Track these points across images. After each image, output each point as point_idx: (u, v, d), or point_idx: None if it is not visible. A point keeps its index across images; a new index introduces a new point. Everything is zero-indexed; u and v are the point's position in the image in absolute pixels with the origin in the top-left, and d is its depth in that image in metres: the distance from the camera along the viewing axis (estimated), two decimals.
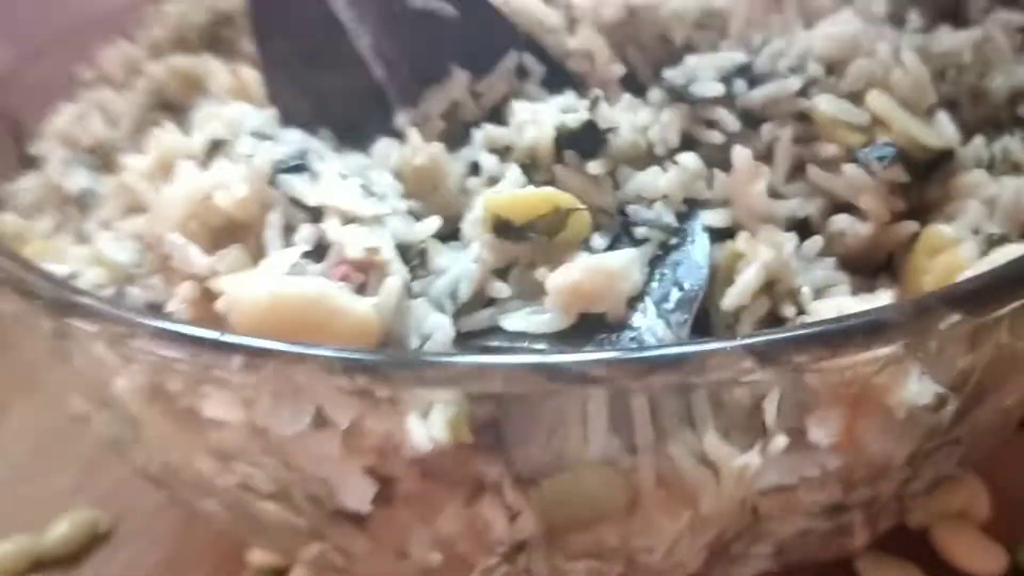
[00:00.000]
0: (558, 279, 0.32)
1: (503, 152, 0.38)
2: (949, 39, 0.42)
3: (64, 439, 0.62)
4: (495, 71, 0.41)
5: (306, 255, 0.32)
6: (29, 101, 0.51)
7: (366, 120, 0.42)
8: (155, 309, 0.34)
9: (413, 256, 0.34)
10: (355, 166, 0.38)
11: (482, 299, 0.34)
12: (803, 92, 0.38)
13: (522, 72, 0.41)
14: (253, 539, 0.41)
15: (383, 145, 0.39)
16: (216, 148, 0.36)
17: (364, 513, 0.33)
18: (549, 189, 0.34)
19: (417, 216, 0.37)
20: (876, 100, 0.38)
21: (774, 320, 0.34)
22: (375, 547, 0.34)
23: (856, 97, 0.38)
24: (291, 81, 0.43)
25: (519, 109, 0.38)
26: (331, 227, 0.32)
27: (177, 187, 0.34)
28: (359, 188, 0.34)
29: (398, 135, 0.41)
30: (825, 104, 0.38)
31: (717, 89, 0.37)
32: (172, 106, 0.50)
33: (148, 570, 0.53)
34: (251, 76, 0.46)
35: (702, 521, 0.33)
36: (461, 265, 0.34)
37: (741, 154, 0.36)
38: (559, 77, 0.41)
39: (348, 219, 0.33)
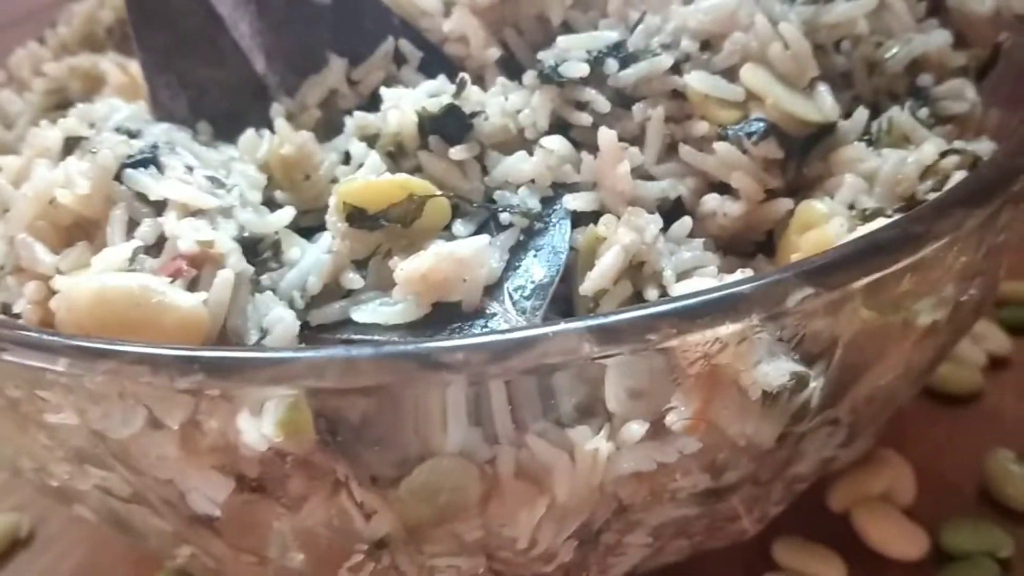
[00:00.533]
0: (407, 268, 0.31)
1: (373, 139, 0.38)
2: (841, 9, 0.41)
3: None
4: (372, 58, 0.40)
5: (146, 250, 0.32)
6: None
7: (246, 112, 0.41)
8: (6, 310, 0.33)
9: (265, 248, 0.34)
10: (220, 159, 0.37)
11: (339, 291, 0.33)
12: (676, 69, 0.37)
13: (399, 58, 0.41)
14: (132, 542, 0.41)
15: (249, 137, 0.38)
16: (71, 145, 0.36)
17: (214, 516, 0.32)
18: (404, 176, 0.34)
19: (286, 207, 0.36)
20: (750, 74, 0.37)
21: (639, 303, 0.33)
22: (232, 551, 0.33)
23: (732, 73, 0.37)
24: (170, 74, 0.43)
25: (388, 95, 0.37)
26: (168, 221, 0.32)
27: (27, 186, 0.34)
28: (205, 181, 0.34)
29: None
30: (697, 81, 0.37)
31: (583, 69, 0.36)
32: (72, 106, 0.49)
33: (67, 574, 0.52)
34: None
35: (562, 509, 0.32)
36: (312, 256, 0.33)
37: (606, 135, 0.35)
38: (437, 62, 0.40)
39: (191, 212, 0.32)
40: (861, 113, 0.38)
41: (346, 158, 0.38)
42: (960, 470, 0.52)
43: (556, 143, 0.36)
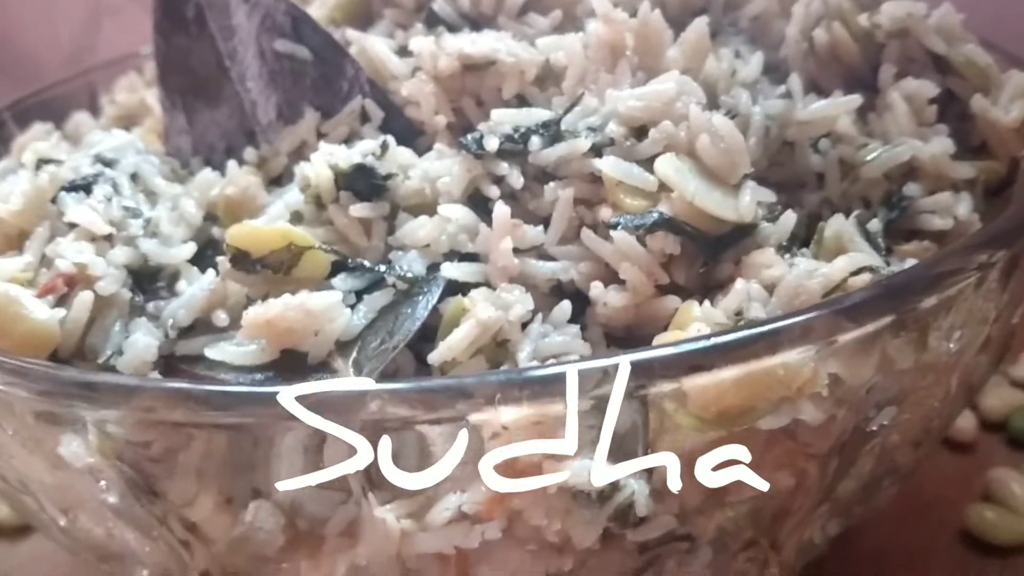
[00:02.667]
0: (252, 313, 0.33)
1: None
2: (818, 107, 0.39)
3: None
4: (339, 114, 0.43)
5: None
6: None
7: (239, 152, 0.44)
8: None
9: (164, 278, 0.36)
10: (172, 193, 0.40)
11: (212, 327, 0.35)
12: (597, 152, 0.37)
13: (364, 116, 0.42)
14: None
15: (205, 176, 0.41)
16: (41, 165, 0.40)
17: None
18: (286, 226, 0.35)
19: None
20: (665, 164, 0.35)
21: None
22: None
23: (654, 162, 0.36)
24: (181, 113, 0.47)
25: (322, 148, 0.39)
26: (62, 242, 0.35)
27: None
28: (120, 210, 0.37)
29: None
30: (609, 166, 0.36)
31: (494, 143, 0.37)
32: None
33: None
34: None
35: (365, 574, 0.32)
36: (192, 291, 0.35)
37: (499, 211, 0.35)
38: (400, 123, 0.42)
39: (93, 237, 0.35)
40: (788, 217, 0.36)
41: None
42: None
43: (458, 212, 0.36)
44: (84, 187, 0.38)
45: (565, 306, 0.35)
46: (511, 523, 0.31)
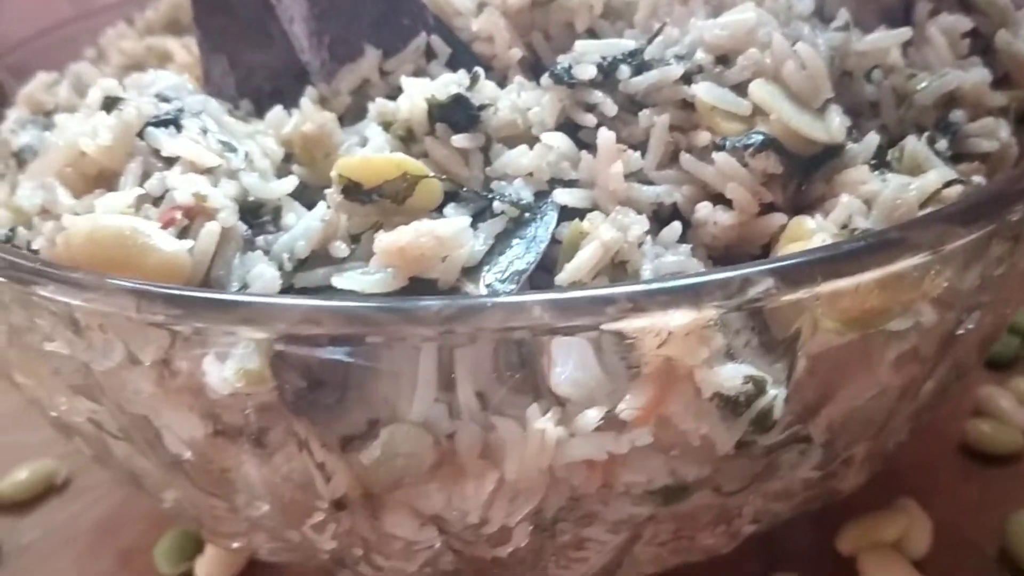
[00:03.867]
0: (385, 240, 0.33)
1: (389, 125, 0.39)
2: (873, 38, 0.41)
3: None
4: (404, 51, 0.42)
5: (154, 202, 0.34)
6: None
7: (287, 94, 0.43)
8: (30, 249, 0.36)
9: (266, 213, 0.35)
10: (246, 131, 0.39)
11: (328, 258, 0.35)
12: (687, 80, 0.38)
13: (430, 53, 0.42)
14: (129, 484, 0.43)
15: (277, 113, 0.40)
16: (109, 104, 0.38)
17: (184, 458, 0.34)
18: (399, 155, 0.35)
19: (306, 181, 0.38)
20: (758, 89, 0.37)
21: None
22: (204, 496, 0.35)
23: (743, 88, 0.38)
24: (222, 55, 0.45)
25: (407, 83, 0.39)
26: (172, 174, 0.34)
27: (57, 136, 0.36)
28: (217, 144, 0.36)
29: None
30: (704, 91, 0.37)
31: (591, 71, 0.37)
32: None
33: (89, 523, 0.55)
34: None
35: (512, 488, 0.32)
36: (305, 223, 0.35)
37: (604, 136, 0.36)
38: (467, 59, 0.42)
39: (198, 170, 0.34)
40: (872, 137, 0.38)
41: (365, 142, 0.40)
42: (982, 529, 0.50)
43: (557, 139, 0.37)
44: (172, 122, 0.36)
45: (676, 227, 0.36)
46: (659, 429, 0.32)
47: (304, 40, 0.44)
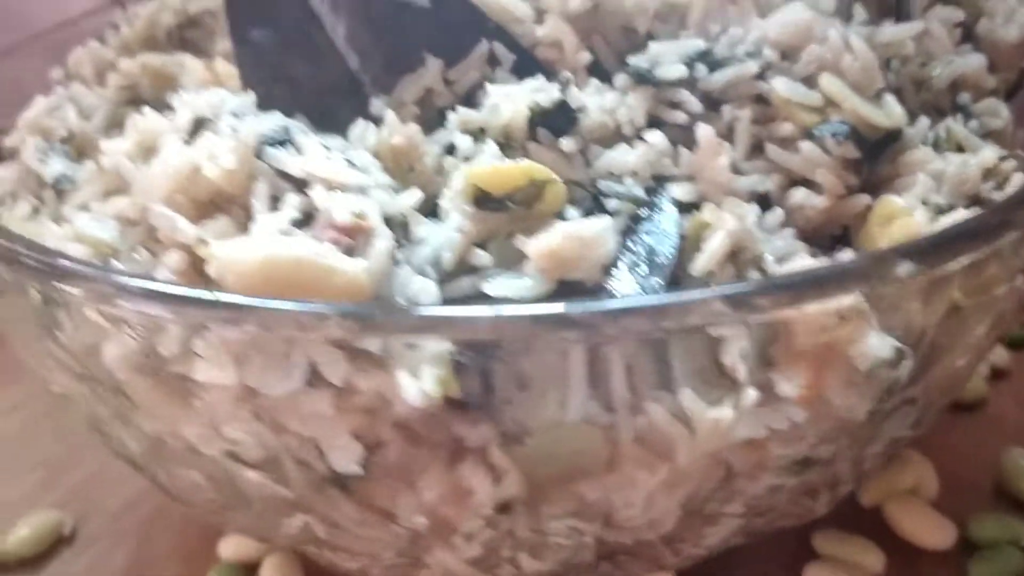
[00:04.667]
0: (539, 244, 0.34)
1: (476, 133, 0.40)
2: (892, 31, 0.45)
3: (26, 442, 0.62)
4: (468, 59, 0.43)
5: (294, 223, 0.33)
6: None
7: (338, 108, 0.43)
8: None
9: (395, 227, 0.35)
10: (334, 145, 0.39)
11: (462, 268, 0.35)
12: (760, 75, 0.40)
13: (493, 60, 0.43)
14: (233, 518, 0.42)
15: (360, 127, 0.40)
16: (200, 126, 0.37)
17: (352, 476, 0.33)
18: (526, 162, 0.36)
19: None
20: (828, 82, 0.40)
21: None
22: (362, 512, 0.35)
23: (808, 80, 0.41)
24: (265, 69, 0.44)
25: (493, 91, 0.40)
26: (318, 194, 0.33)
27: (164, 161, 0.35)
28: (343, 161, 0.35)
29: (370, 122, 0.42)
30: (781, 86, 0.40)
31: (681, 71, 0.39)
32: (144, 102, 0.51)
33: (113, 572, 0.53)
34: (225, 70, 0.48)
35: (679, 476, 0.34)
36: (443, 235, 0.35)
37: (705, 131, 0.38)
38: (528, 65, 0.43)
39: (333, 188, 0.34)
40: (923, 121, 0.42)
41: (446, 151, 0.40)
42: (976, 469, 0.56)
43: (656, 138, 0.38)
44: (282, 141, 0.36)
45: (779, 212, 0.38)
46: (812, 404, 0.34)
47: (353, 52, 0.44)
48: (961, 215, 0.36)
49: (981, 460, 0.56)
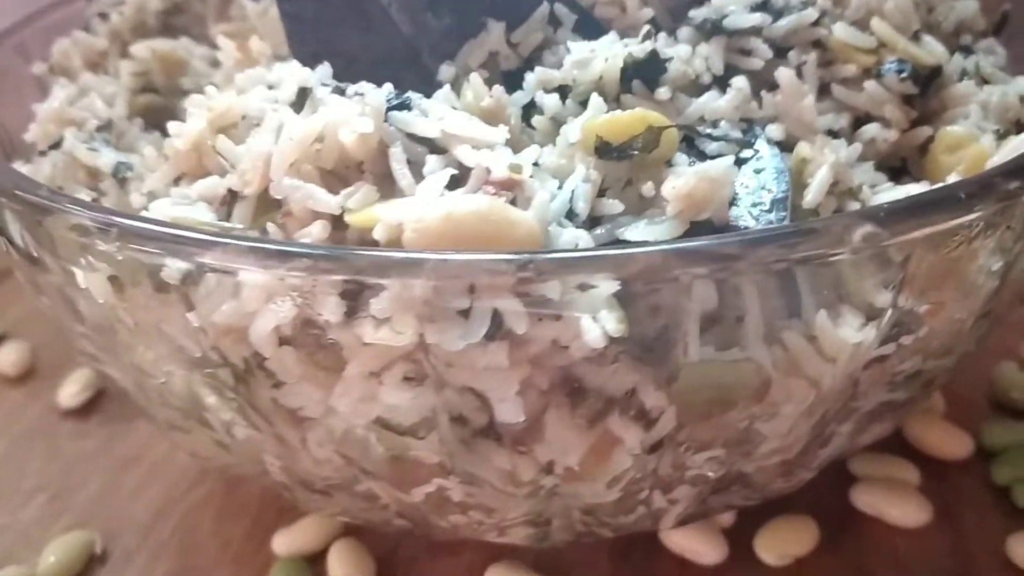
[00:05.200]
0: (677, 187, 0.34)
1: (559, 90, 0.40)
2: None
3: (17, 465, 0.58)
4: (530, 21, 0.43)
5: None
6: None
7: (397, 78, 0.42)
8: None
9: None
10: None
11: (591, 217, 0.36)
12: (816, 22, 0.42)
13: (554, 20, 0.43)
14: (348, 502, 0.41)
15: (445, 92, 0.40)
16: (303, 96, 0.36)
17: (509, 426, 0.34)
18: (640, 110, 0.37)
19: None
20: (880, 26, 0.43)
21: None
22: (513, 460, 0.35)
23: (857, 25, 0.43)
24: (317, 44, 0.43)
25: (575, 48, 0.40)
26: (465, 152, 0.33)
27: (286, 132, 0.34)
28: (467, 120, 0.35)
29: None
30: (840, 31, 0.42)
31: (753, 19, 0.41)
32: (154, 90, 0.49)
33: None
34: (259, 47, 0.46)
35: (820, 400, 0.36)
36: (571, 186, 0.35)
37: (787, 74, 0.40)
38: (591, 24, 0.44)
39: (479, 146, 0.34)
40: (957, 59, 0.45)
41: (524, 112, 0.41)
42: (970, 386, 0.60)
43: (741, 82, 0.40)
44: (405, 105, 0.35)
45: (858, 147, 0.40)
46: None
47: (408, 19, 0.43)
48: (1017, 139, 0.40)
49: (972, 377, 0.61)
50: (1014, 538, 0.49)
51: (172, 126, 0.39)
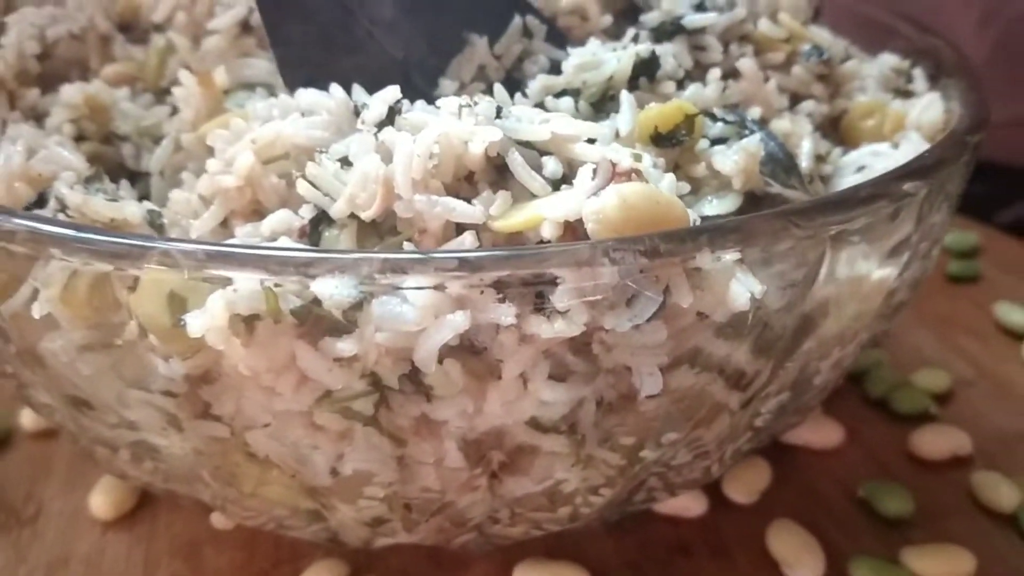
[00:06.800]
0: (736, 163, 0.39)
1: (563, 94, 0.43)
2: None
3: None
4: (508, 34, 0.45)
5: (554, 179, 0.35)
6: None
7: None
8: None
9: None
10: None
11: None
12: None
13: (526, 32, 0.46)
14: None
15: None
16: (393, 114, 0.36)
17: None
18: (676, 101, 0.41)
19: None
20: (787, 20, 0.50)
21: None
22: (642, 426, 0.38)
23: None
24: (310, 67, 0.42)
25: (576, 53, 0.43)
26: (584, 150, 0.35)
27: (405, 148, 0.34)
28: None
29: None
30: (764, 26, 0.49)
31: (708, 19, 0.46)
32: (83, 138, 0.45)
33: None
34: (222, 80, 0.44)
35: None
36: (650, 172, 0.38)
37: (747, 64, 0.46)
38: (555, 34, 0.47)
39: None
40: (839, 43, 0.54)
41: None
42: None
43: (717, 74, 0.45)
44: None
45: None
46: None
47: (394, 39, 0.44)
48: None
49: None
50: (915, 437, 0.59)
51: (211, 163, 0.37)
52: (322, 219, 0.36)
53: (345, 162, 0.36)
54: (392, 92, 0.37)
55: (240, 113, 0.42)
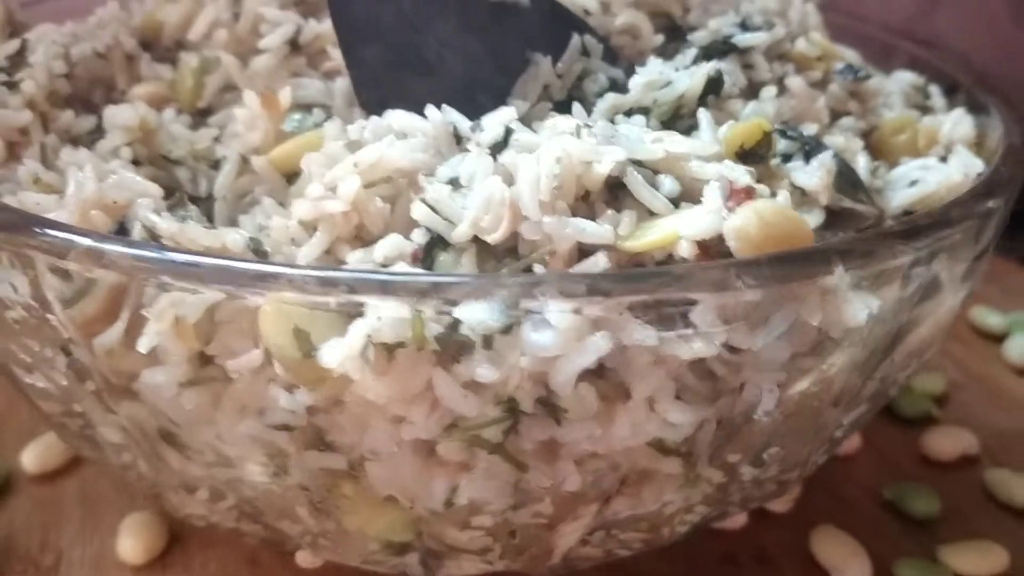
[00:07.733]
0: (820, 179, 0.40)
1: (630, 112, 0.43)
2: None
3: None
4: (568, 52, 0.45)
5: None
6: None
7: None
8: None
9: None
10: None
11: None
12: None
13: (584, 51, 0.46)
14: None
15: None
16: (508, 135, 0.36)
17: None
18: (755, 118, 0.41)
19: None
20: (818, 38, 0.51)
21: None
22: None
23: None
24: (383, 89, 0.42)
25: (643, 71, 0.44)
26: (700, 167, 0.35)
27: (529, 171, 0.33)
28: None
29: None
30: (803, 45, 0.50)
31: (759, 38, 0.47)
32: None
33: None
34: (287, 100, 0.43)
35: None
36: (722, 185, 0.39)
37: (797, 82, 0.47)
38: (609, 52, 0.47)
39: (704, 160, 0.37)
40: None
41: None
42: None
43: (771, 92, 0.46)
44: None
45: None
46: None
47: (462, 59, 0.43)
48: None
49: None
50: (925, 438, 0.61)
51: (312, 189, 0.36)
52: (436, 243, 0.35)
53: (456, 184, 0.36)
54: (508, 113, 0.37)
55: (314, 135, 0.41)
